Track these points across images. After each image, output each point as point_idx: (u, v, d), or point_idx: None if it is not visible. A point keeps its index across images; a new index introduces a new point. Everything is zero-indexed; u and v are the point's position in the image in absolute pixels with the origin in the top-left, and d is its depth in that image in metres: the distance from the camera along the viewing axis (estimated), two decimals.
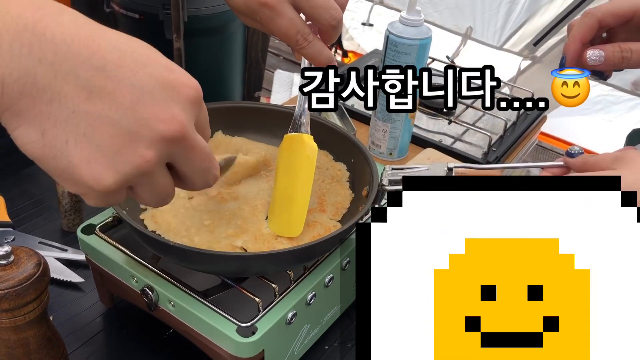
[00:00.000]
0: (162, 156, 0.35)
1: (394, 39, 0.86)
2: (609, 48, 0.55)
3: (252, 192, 0.64)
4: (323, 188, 0.66)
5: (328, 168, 0.69)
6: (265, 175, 0.67)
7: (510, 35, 2.07)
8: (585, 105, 1.79)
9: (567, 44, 0.58)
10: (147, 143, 0.34)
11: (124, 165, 0.34)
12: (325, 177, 0.67)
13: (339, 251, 0.60)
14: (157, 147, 0.35)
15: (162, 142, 0.35)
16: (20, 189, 0.85)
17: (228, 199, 0.61)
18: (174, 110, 0.35)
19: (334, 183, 0.67)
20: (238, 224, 0.59)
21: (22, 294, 0.49)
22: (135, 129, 0.34)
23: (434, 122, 1.08)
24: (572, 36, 0.58)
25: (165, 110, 0.35)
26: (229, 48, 1.29)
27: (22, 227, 0.78)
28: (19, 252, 0.51)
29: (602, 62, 0.55)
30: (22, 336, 0.51)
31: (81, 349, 0.63)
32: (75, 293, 0.70)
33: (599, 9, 0.57)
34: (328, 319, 0.63)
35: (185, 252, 0.51)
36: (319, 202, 0.64)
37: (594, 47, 0.56)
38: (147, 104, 0.34)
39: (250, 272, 0.55)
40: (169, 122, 0.35)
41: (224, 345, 0.52)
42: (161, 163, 0.36)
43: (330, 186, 0.67)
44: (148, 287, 0.56)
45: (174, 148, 0.36)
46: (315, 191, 0.65)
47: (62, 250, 0.73)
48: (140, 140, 0.34)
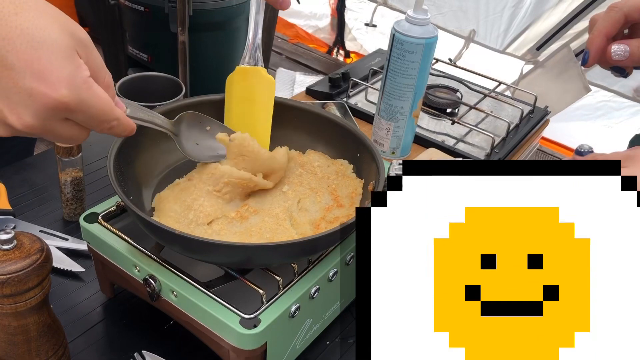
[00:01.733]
0: (46, 120, 0.40)
1: (400, 37, 0.85)
2: (634, 43, 0.54)
3: (266, 202, 0.62)
4: (332, 184, 0.66)
5: (329, 165, 0.68)
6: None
7: (513, 39, 2.07)
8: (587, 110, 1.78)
9: (591, 38, 0.57)
10: (32, 112, 0.40)
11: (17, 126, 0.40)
12: (330, 174, 0.67)
13: (344, 245, 0.60)
14: (40, 116, 0.40)
15: (45, 111, 0.40)
16: (21, 177, 0.85)
17: (249, 215, 0.60)
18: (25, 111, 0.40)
19: (339, 177, 0.67)
20: (268, 237, 0.58)
21: (24, 279, 0.48)
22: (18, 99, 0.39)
23: (437, 122, 1.08)
24: (597, 30, 0.56)
25: (47, 80, 0.39)
26: (233, 43, 1.29)
27: (22, 216, 0.77)
28: (21, 237, 0.50)
29: (626, 58, 0.54)
30: (22, 322, 0.51)
31: (81, 339, 0.62)
32: (76, 283, 0.69)
33: (625, 3, 0.56)
34: (330, 314, 0.63)
35: (190, 241, 0.50)
36: (333, 199, 0.63)
37: (619, 42, 0.55)
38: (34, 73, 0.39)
39: (255, 263, 0.55)
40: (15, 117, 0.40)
41: (227, 337, 0.52)
42: (53, 121, 0.41)
43: (337, 180, 0.66)
44: (151, 276, 0.55)
45: (60, 114, 0.41)
46: (325, 188, 0.65)
47: (63, 239, 0.73)
48: (25, 108, 0.39)
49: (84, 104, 0.41)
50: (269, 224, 0.59)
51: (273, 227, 0.58)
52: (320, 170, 0.67)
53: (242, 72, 0.64)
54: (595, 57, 0.57)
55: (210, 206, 0.59)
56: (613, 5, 0.57)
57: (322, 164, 0.68)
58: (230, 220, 0.59)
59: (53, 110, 0.40)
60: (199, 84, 1.29)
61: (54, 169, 0.80)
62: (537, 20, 2.01)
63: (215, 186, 0.60)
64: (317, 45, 2.95)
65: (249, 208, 0.61)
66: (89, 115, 0.42)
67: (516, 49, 2.10)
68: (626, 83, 1.88)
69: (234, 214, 0.59)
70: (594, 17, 0.58)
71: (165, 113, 0.60)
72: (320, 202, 0.63)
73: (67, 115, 0.41)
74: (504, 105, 1.15)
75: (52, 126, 0.42)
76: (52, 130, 0.42)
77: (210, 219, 0.58)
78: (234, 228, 0.58)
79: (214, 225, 0.58)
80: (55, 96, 0.39)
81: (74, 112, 0.41)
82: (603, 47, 0.56)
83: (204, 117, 0.63)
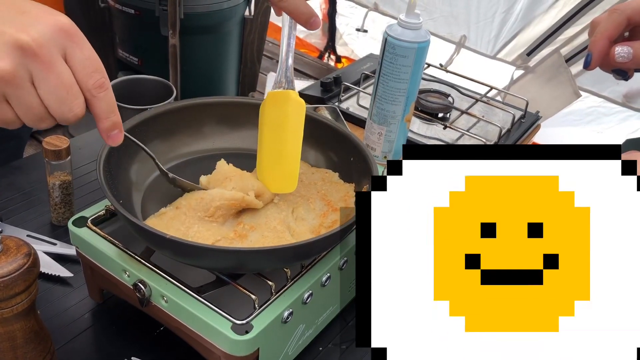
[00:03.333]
0: (18, 66, 0.40)
1: (392, 41, 0.85)
2: (637, 45, 0.54)
3: (260, 216, 0.60)
4: (321, 190, 0.65)
5: (314, 173, 0.67)
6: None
7: (503, 45, 2.08)
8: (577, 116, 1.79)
9: (594, 41, 0.56)
10: (39, 30, 0.41)
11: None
12: (316, 180, 0.66)
13: (337, 250, 0.59)
14: (11, 56, 0.40)
15: (16, 51, 0.40)
16: (7, 181, 0.83)
17: (248, 234, 0.58)
18: (32, 28, 0.41)
19: (326, 183, 0.66)
20: None
21: (10, 285, 0.47)
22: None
23: (429, 127, 1.08)
24: (600, 33, 0.56)
25: (24, 27, 0.40)
26: (224, 47, 1.28)
27: (9, 220, 0.76)
28: (7, 241, 0.49)
29: (630, 59, 0.54)
30: (8, 329, 0.50)
31: (68, 345, 0.61)
32: (64, 288, 0.68)
33: (627, 6, 0.56)
34: (323, 319, 0.62)
35: (180, 245, 0.50)
36: (326, 204, 0.63)
37: (622, 44, 0.54)
38: (8, 21, 0.40)
39: (247, 268, 0.54)
40: (24, 33, 0.40)
41: (219, 343, 0.51)
42: (21, 77, 0.41)
43: (326, 186, 0.65)
44: (141, 281, 0.54)
45: (29, 61, 0.40)
46: (315, 194, 0.64)
47: (51, 244, 0.71)
48: (32, 27, 0.40)
49: (82, 38, 0.43)
50: (270, 238, 0.57)
51: (274, 241, 0.57)
52: (305, 177, 0.66)
53: (273, 97, 0.61)
54: (598, 60, 0.56)
55: (207, 231, 0.57)
56: (615, 7, 0.57)
57: (306, 171, 0.67)
58: (230, 240, 0.57)
59: (58, 32, 0.42)
60: (189, 88, 1.28)
61: (41, 172, 0.79)
62: (528, 26, 2.02)
63: (206, 212, 0.58)
64: (308, 50, 2.95)
65: (245, 225, 0.59)
66: (86, 53, 0.43)
67: (507, 55, 2.11)
68: (616, 89, 1.89)
69: (232, 234, 0.57)
70: (595, 20, 0.58)
71: (156, 116, 0.59)
72: (315, 210, 0.62)
73: (68, 42, 0.42)
74: (496, 110, 1.15)
75: (53, 57, 0.41)
76: (52, 64, 0.41)
77: (211, 242, 0.57)
78: (235, 246, 0.56)
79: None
80: (61, 19, 0.42)
81: (74, 41, 0.42)
82: (606, 49, 0.56)
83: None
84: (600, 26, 0.56)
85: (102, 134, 0.47)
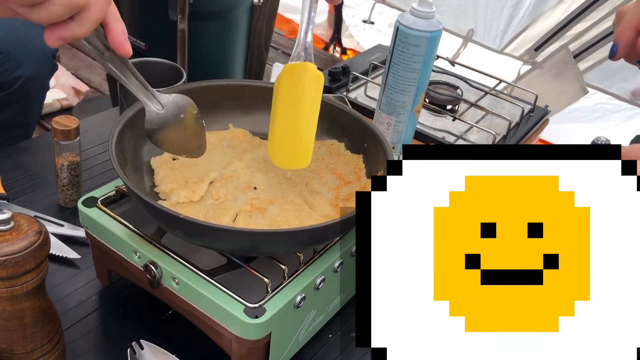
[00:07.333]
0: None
1: (404, 30, 0.84)
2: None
3: (276, 190, 0.59)
4: (330, 164, 0.64)
5: (319, 147, 0.66)
6: (265, 167, 0.63)
7: (511, 40, 2.07)
8: (583, 112, 1.78)
9: (621, 31, 0.55)
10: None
11: None
12: (323, 155, 0.65)
13: (350, 235, 0.58)
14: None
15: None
16: (14, 162, 0.83)
17: (266, 207, 0.57)
18: None
19: (334, 156, 0.65)
20: (297, 223, 0.55)
21: (21, 262, 0.46)
22: None
23: (437, 118, 1.07)
24: (627, 22, 0.55)
25: None
26: (232, 34, 1.27)
27: (16, 201, 0.75)
28: (19, 218, 0.49)
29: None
30: (18, 307, 0.49)
31: (75, 327, 0.61)
32: (71, 270, 0.67)
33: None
34: (334, 306, 0.61)
35: (194, 225, 0.49)
36: (338, 178, 0.62)
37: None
38: None
39: (261, 250, 0.53)
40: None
41: (230, 327, 0.50)
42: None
43: (334, 159, 0.65)
44: (151, 263, 0.54)
45: None
46: (325, 168, 0.63)
47: (59, 225, 0.71)
48: None
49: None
50: (290, 211, 0.56)
51: (296, 213, 0.56)
52: (313, 153, 0.65)
53: (290, 69, 0.58)
54: (625, 50, 0.55)
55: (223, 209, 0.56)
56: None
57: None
58: (249, 213, 0.56)
59: None
60: (196, 75, 1.27)
61: (49, 153, 0.78)
62: (536, 21, 2.00)
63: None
64: (313, 41, 2.93)
65: (264, 199, 0.57)
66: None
67: (514, 49, 2.10)
68: (623, 86, 1.88)
69: (249, 207, 0.56)
70: (621, 10, 0.57)
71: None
72: (327, 183, 0.61)
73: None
74: (504, 104, 1.15)
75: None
76: None
77: (232, 212, 0.56)
78: (258, 220, 0.55)
79: (238, 222, 0.55)
80: None
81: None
82: (633, 39, 0.55)
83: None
84: (627, 16, 0.55)
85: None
